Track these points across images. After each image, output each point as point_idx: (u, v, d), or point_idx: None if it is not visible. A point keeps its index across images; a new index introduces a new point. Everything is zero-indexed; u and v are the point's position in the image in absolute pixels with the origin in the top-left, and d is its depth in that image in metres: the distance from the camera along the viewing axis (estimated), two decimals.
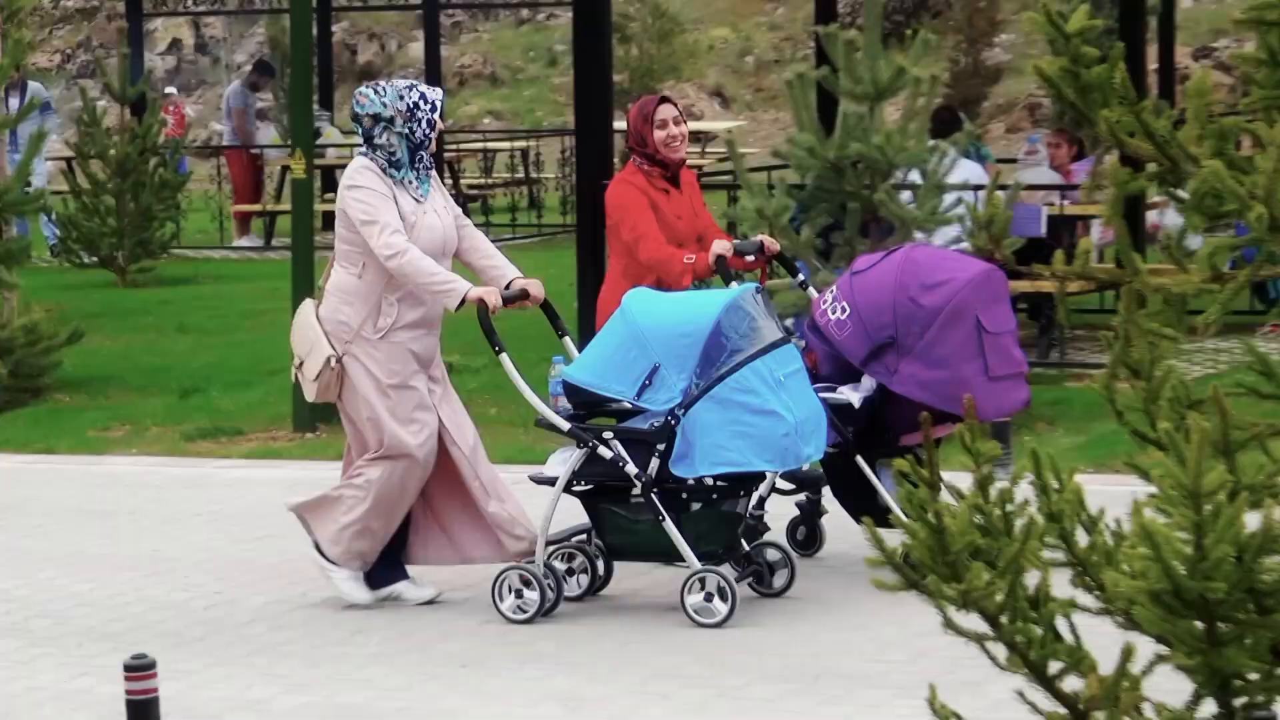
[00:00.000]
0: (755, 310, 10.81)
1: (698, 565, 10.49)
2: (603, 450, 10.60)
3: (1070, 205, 19.12)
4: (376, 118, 11.21)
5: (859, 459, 11.39)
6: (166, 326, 22.58)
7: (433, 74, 31.07)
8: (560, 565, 10.96)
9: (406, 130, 11.11)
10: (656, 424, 10.53)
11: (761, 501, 11.40)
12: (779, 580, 10.94)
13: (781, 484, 11.60)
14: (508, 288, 11.10)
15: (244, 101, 31.34)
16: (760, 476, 10.85)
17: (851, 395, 11.37)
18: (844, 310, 11.44)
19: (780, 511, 11.69)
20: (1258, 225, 4.46)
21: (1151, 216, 20.34)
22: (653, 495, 10.53)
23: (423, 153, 11.25)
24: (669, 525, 10.51)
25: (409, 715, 9.45)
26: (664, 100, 12.07)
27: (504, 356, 11.09)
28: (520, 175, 33.55)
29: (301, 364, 11.30)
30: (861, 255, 12.06)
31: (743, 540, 10.90)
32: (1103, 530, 5.03)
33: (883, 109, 16.04)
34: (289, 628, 10.95)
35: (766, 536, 11.18)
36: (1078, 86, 4.55)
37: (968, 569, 4.76)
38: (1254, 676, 4.86)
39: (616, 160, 22.96)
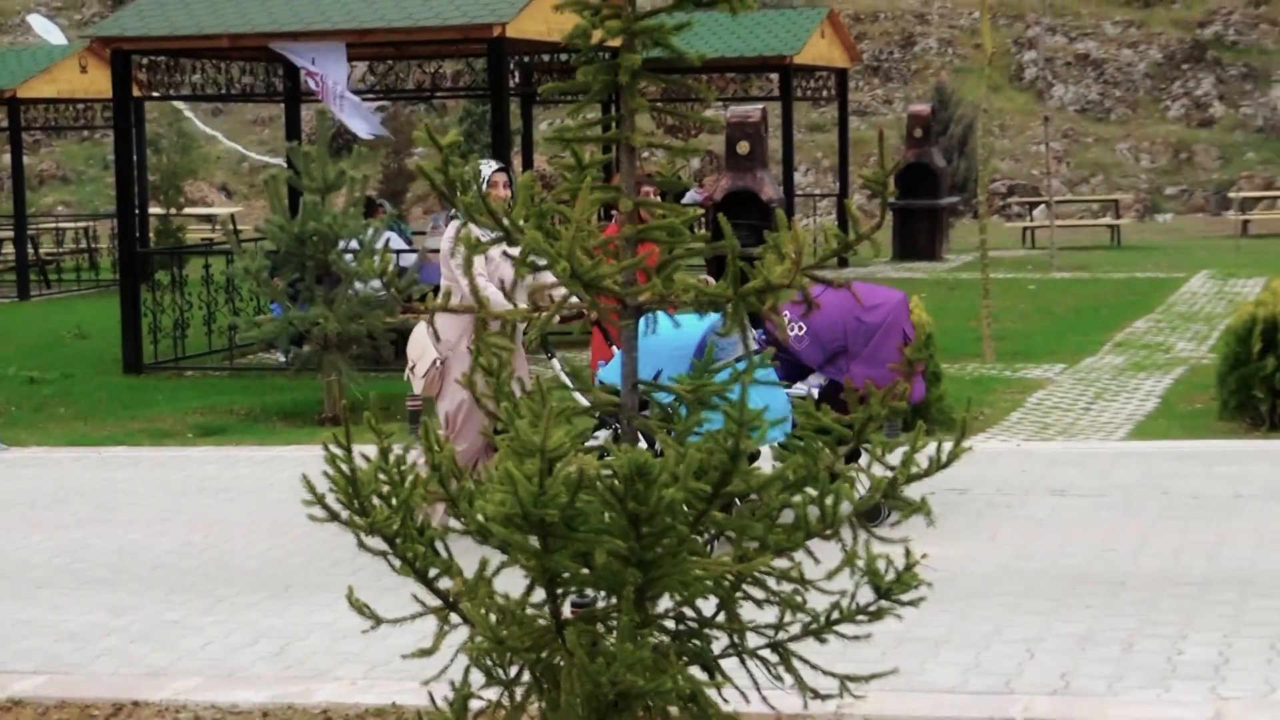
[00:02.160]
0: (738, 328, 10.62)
1: None
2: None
3: None
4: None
5: None
6: None
7: (17, 177, 30.34)
8: None
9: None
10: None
11: None
12: None
13: None
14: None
15: None
16: None
17: (806, 390, 11.19)
18: (801, 328, 11.36)
19: None
20: (562, 274, 4.57)
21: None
22: None
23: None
24: None
25: None
26: (647, 175, 11.86)
27: (555, 360, 10.85)
28: (84, 246, 33.93)
29: (413, 366, 10.89)
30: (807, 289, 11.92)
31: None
32: (468, 478, 5.05)
33: (332, 198, 16.01)
34: None
35: None
36: (446, 180, 4.58)
37: (373, 507, 4.76)
38: (568, 574, 4.90)
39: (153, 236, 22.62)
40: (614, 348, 10.69)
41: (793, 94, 29.88)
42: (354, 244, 16.06)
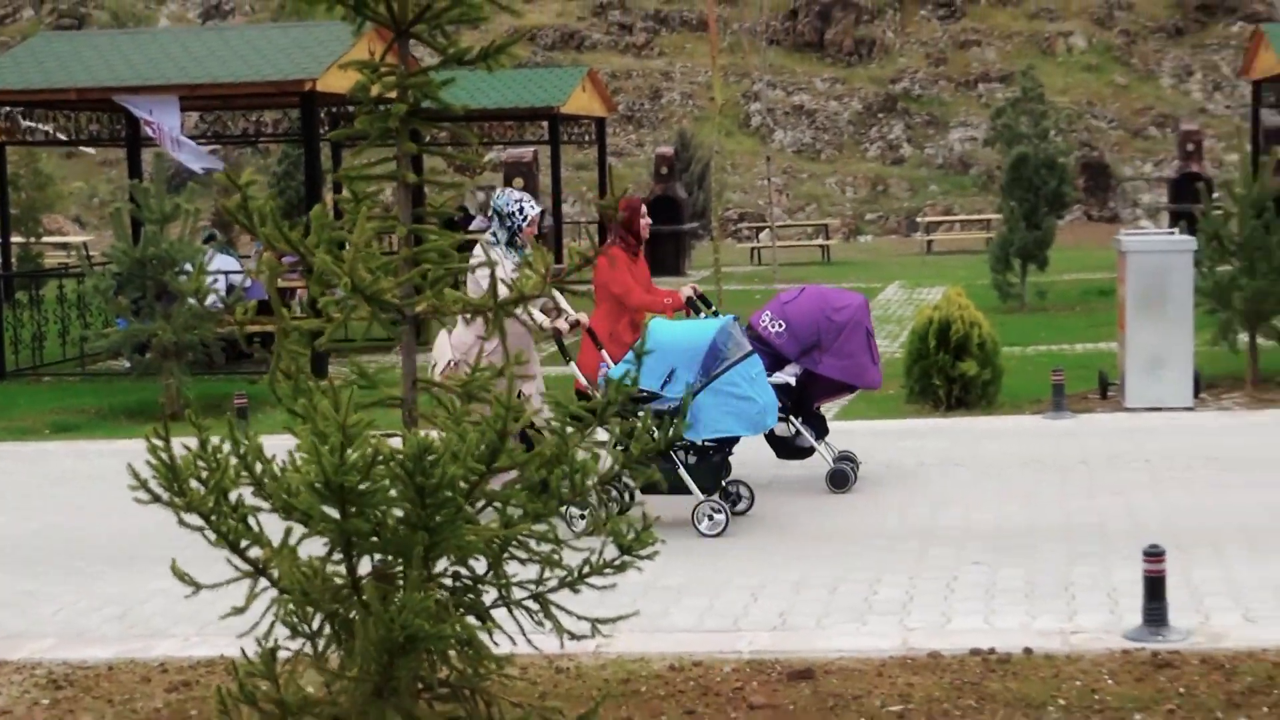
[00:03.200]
0: (735, 333, 10.30)
1: (701, 496, 10.00)
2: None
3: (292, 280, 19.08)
4: (496, 213, 10.59)
5: (792, 418, 11.12)
6: None
7: None
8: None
9: (509, 225, 10.51)
10: (674, 405, 9.81)
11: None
12: (742, 505, 10.40)
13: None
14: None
15: None
16: (736, 439, 10.17)
17: (787, 378, 10.96)
18: (780, 325, 11.17)
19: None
20: (346, 289, 4.53)
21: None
22: (671, 452, 9.77)
23: (518, 237, 10.53)
24: (682, 471, 9.97)
25: None
26: (644, 202, 11.54)
27: (573, 365, 10.53)
28: None
29: (434, 365, 10.43)
30: (780, 294, 11.70)
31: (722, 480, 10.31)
32: (272, 464, 4.97)
33: (169, 228, 15.80)
34: None
35: (732, 476, 10.48)
36: (244, 214, 4.51)
37: (191, 490, 4.67)
38: (362, 539, 4.86)
39: (15, 261, 21.86)
40: (603, 351, 10.55)
41: (560, 138, 30.13)
42: (188, 266, 15.88)
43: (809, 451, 11.14)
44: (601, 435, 5.02)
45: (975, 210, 42.24)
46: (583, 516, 9.69)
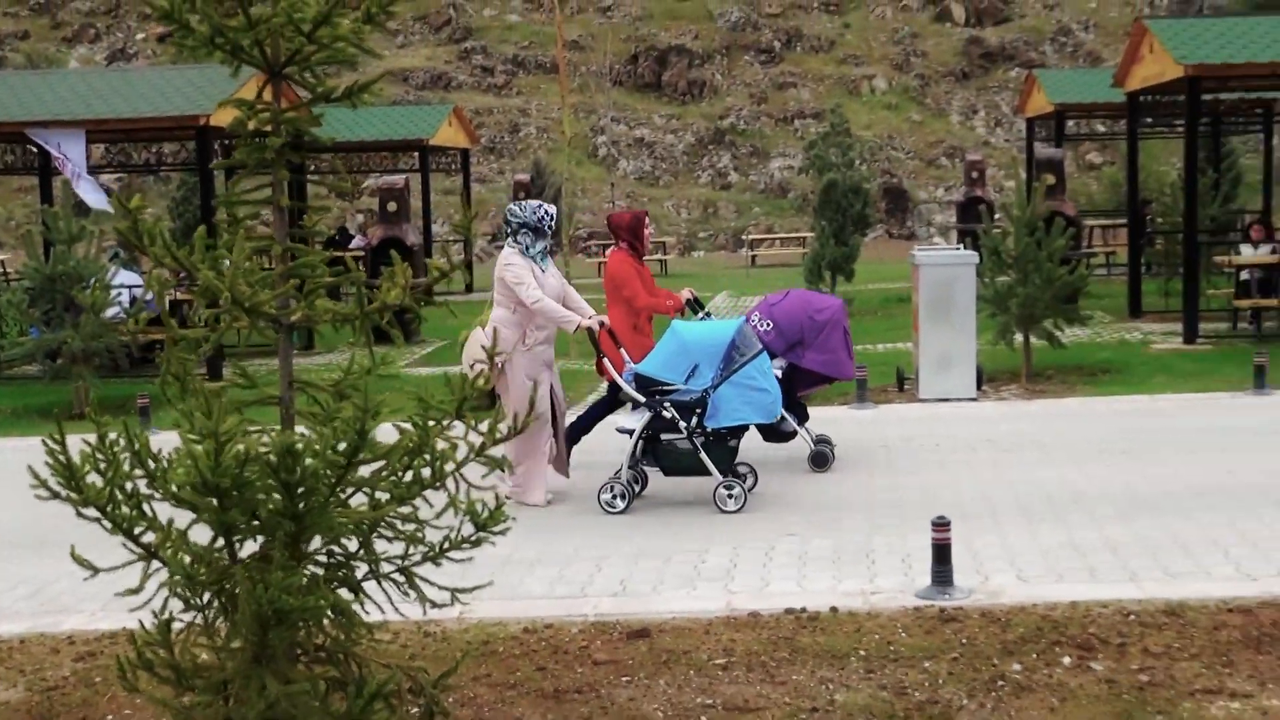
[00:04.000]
0: (749, 333, 10.15)
1: (720, 477, 9.80)
2: (664, 412, 9.79)
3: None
4: (523, 224, 10.17)
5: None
6: None
7: None
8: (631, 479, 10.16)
9: (537, 228, 10.16)
10: (695, 397, 9.74)
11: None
12: (749, 483, 10.18)
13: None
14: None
15: None
16: (747, 426, 10.00)
17: (774, 371, 10.58)
18: (768, 325, 11.11)
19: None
20: (227, 302, 4.44)
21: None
22: (692, 437, 9.78)
23: (542, 243, 10.19)
24: (703, 454, 9.79)
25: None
26: (646, 214, 11.31)
27: (606, 360, 10.19)
28: None
29: (472, 365, 9.98)
30: (767, 296, 11.63)
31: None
32: (160, 458, 4.85)
33: (76, 247, 15.48)
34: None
35: (739, 458, 10.34)
36: (135, 235, 4.40)
37: (87, 485, 4.55)
38: (241, 525, 4.77)
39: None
40: (621, 350, 10.42)
41: (429, 167, 29.91)
42: (93, 281, 15.58)
43: (792, 435, 11.05)
44: (458, 428, 4.97)
45: (793, 229, 42.59)
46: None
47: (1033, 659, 6.48)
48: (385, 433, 4.90)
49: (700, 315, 11.18)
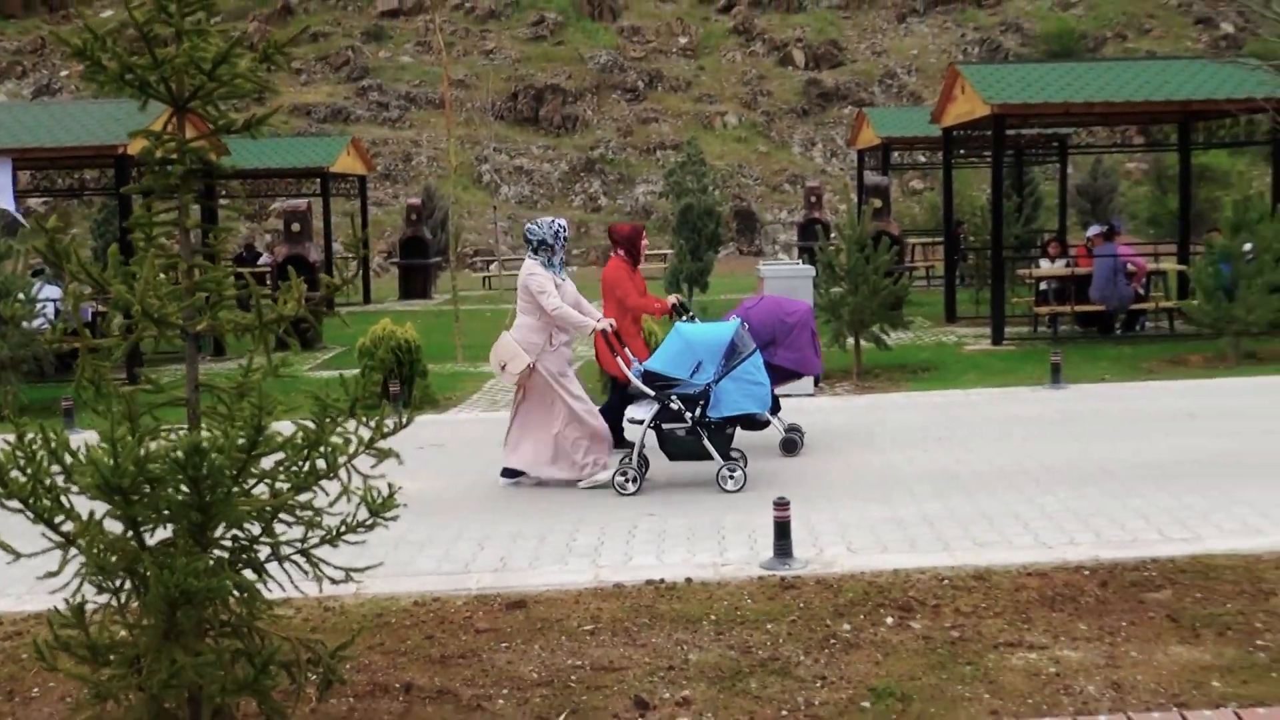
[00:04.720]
0: (745, 333, 9.97)
1: (721, 461, 9.65)
2: (671, 404, 9.63)
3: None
4: (542, 241, 9.92)
5: None
6: None
7: None
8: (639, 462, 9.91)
9: (553, 244, 9.95)
10: (699, 390, 9.59)
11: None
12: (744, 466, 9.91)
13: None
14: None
15: None
16: (742, 416, 9.76)
17: None
18: (744, 326, 10.61)
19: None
20: (137, 315, 4.35)
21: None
22: (697, 427, 9.62)
23: (559, 255, 9.97)
24: (706, 441, 9.64)
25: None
26: (643, 228, 11.08)
27: (619, 359, 10.08)
28: None
29: (504, 366, 9.85)
30: (743, 301, 11.52)
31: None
32: (79, 454, 4.73)
33: (3, 264, 14.99)
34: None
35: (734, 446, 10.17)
36: (54, 252, 4.29)
37: (11, 479, 4.42)
38: (149, 518, 4.67)
39: None
40: (626, 349, 10.31)
41: (330, 192, 29.52)
42: (20, 295, 15.13)
43: (766, 424, 10.79)
44: (350, 423, 4.92)
45: (656, 247, 42.69)
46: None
47: (860, 619, 6.58)
48: (289, 430, 4.84)
49: (686, 318, 11.20)
